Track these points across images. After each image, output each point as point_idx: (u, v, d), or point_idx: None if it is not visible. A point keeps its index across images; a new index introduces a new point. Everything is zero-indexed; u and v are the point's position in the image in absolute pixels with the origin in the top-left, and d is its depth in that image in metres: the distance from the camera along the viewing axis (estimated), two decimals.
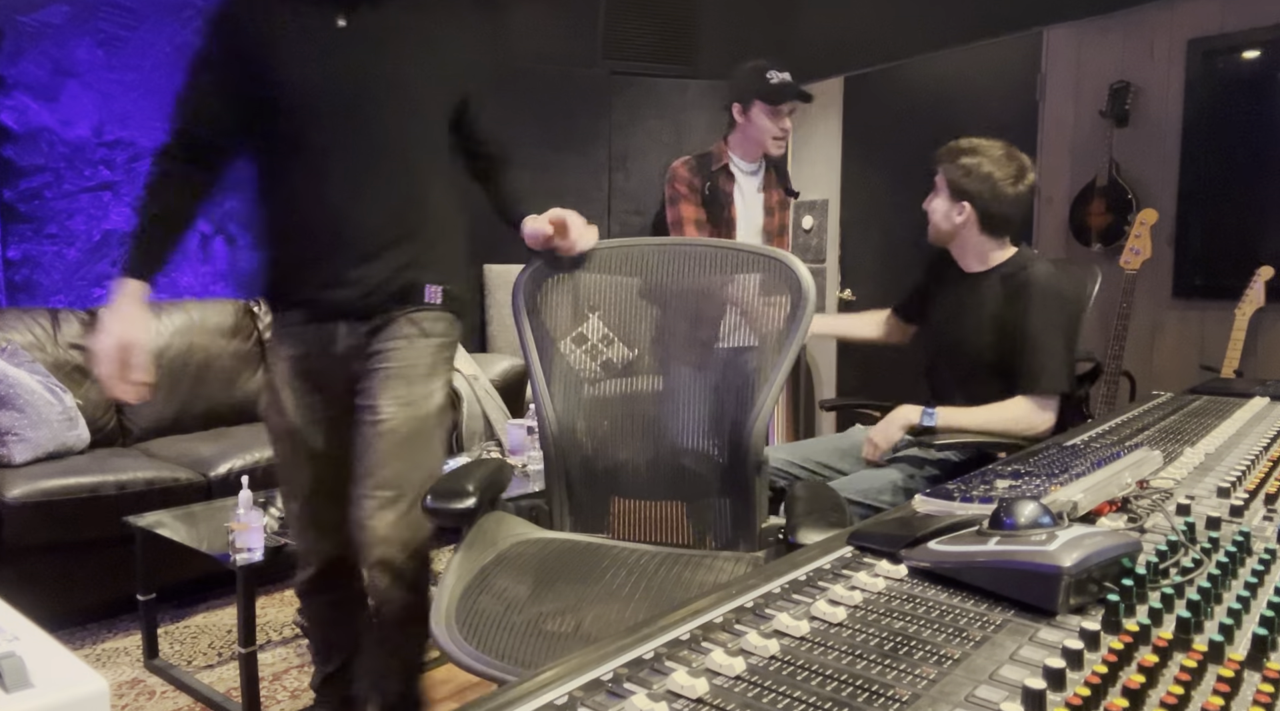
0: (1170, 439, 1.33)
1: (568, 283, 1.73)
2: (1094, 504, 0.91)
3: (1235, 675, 0.57)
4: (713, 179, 2.78)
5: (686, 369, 1.74)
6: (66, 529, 2.69)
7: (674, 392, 1.74)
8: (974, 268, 2.19)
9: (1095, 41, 3.72)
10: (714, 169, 2.79)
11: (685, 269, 1.72)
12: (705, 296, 1.72)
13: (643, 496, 1.71)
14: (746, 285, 1.68)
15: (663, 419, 1.73)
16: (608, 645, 0.64)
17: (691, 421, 1.71)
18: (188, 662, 2.56)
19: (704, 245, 1.77)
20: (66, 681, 0.55)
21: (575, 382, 1.71)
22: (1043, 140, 3.92)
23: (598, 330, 1.74)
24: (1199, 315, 3.46)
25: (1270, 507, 0.96)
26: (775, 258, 1.66)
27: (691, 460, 1.70)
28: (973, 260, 2.18)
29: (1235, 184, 3.33)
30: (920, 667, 0.60)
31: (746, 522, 1.63)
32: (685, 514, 1.70)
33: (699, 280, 1.71)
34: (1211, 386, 1.93)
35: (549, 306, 1.72)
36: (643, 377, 1.75)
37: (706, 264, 1.71)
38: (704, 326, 1.73)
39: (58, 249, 3.62)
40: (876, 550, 0.84)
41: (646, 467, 1.71)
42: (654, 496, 1.71)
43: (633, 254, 1.74)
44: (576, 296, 1.72)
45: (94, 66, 3.62)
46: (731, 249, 1.74)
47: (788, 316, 1.61)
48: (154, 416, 3.40)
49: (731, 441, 1.64)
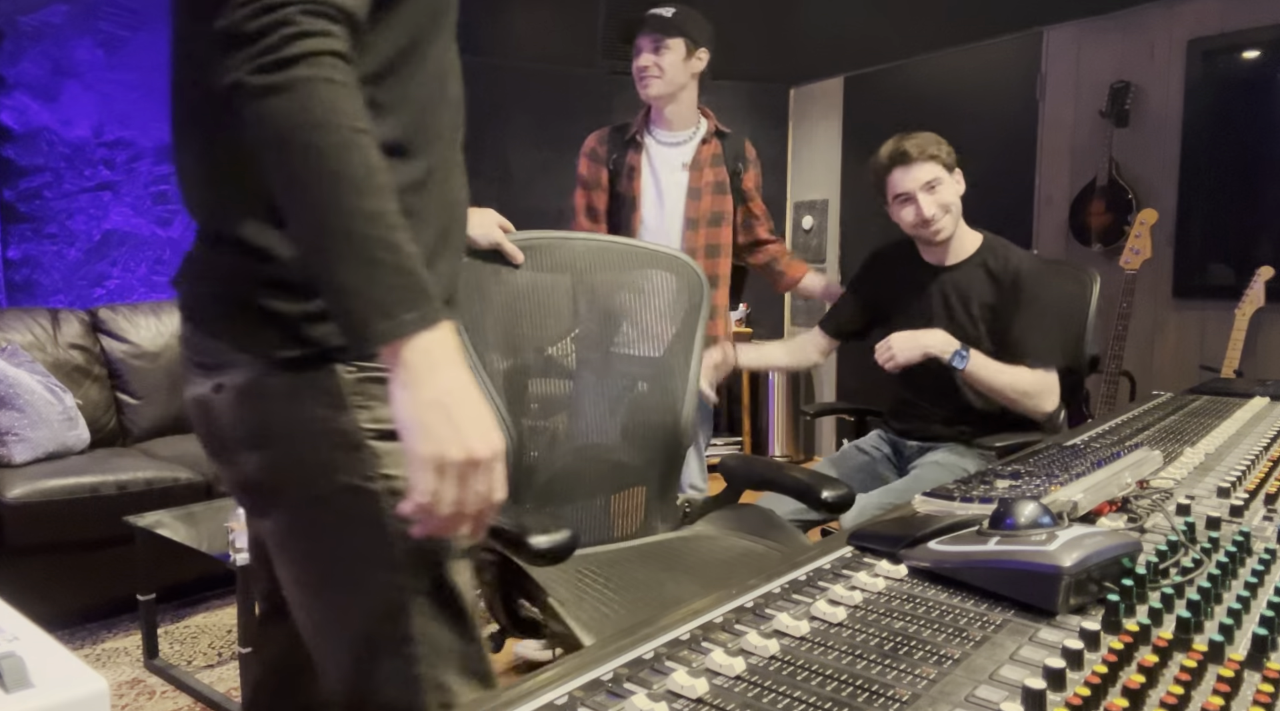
0: (1170, 439, 1.33)
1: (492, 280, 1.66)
2: (1094, 504, 0.91)
3: (1235, 675, 0.57)
4: (620, 152, 2.36)
5: (602, 369, 1.77)
6: (66, 529, 2.69)
7: (602, 391, 1.78)
8: (955, 258, 2.15)
9: (1095, 41, 3.72)
10: (625, 139, 2.37)
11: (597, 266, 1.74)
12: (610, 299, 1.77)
13: (583, 496, 1.75)
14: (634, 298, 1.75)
15: (624, 411, 1.77)
16: (608, 645, 0.64)
17: (645, 411, 1.77)
18: (188, 662, 2.56)
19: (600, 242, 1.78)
20: (66, 681, 0.55)
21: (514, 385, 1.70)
22: (1043, 140, 3.92)
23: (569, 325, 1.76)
24: (1199, 315, 3.46)
25: (1270, 507, 0.96)
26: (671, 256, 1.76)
27: (627, 453, 1.77)
28: (958, 246, 2.15)
29: (1235, 184, 3.33)
30: (920, 667, 0.60)
31: (673, 503, 1.80)
32: (634, 504, 1.77)
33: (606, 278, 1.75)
34: (1211, 386, 1.93)
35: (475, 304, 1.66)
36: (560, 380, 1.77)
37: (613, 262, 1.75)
38: (611, 329, 1.77)
39: (58, 249, 3.62)
40: (876, 550, 0.84)
41: (586, 467, 1.76)
42: (612, 487, 1.78)
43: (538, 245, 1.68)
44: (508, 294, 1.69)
45: (94, 66, 3.62)
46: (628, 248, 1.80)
47: (685, 319, 1.74)
48: (154, 416, 3.40)
49: (669, 429, 1.74)
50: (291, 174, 0.78)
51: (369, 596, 0.92)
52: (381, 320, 0.77)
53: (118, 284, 3.78)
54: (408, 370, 0.79)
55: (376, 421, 0.89)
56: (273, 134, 0.77)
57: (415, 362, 0.79)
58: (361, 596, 0.92)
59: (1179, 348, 3.53)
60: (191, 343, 0.94)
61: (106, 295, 3.74)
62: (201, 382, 0.93)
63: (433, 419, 0.79)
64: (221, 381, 0.90)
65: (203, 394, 0.92)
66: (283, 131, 0.77)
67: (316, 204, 0.77)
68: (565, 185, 4.74)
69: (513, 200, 4.44)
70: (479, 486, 0.82)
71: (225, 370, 0.90)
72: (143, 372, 3.39)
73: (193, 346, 0.94)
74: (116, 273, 3.78)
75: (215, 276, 0.92)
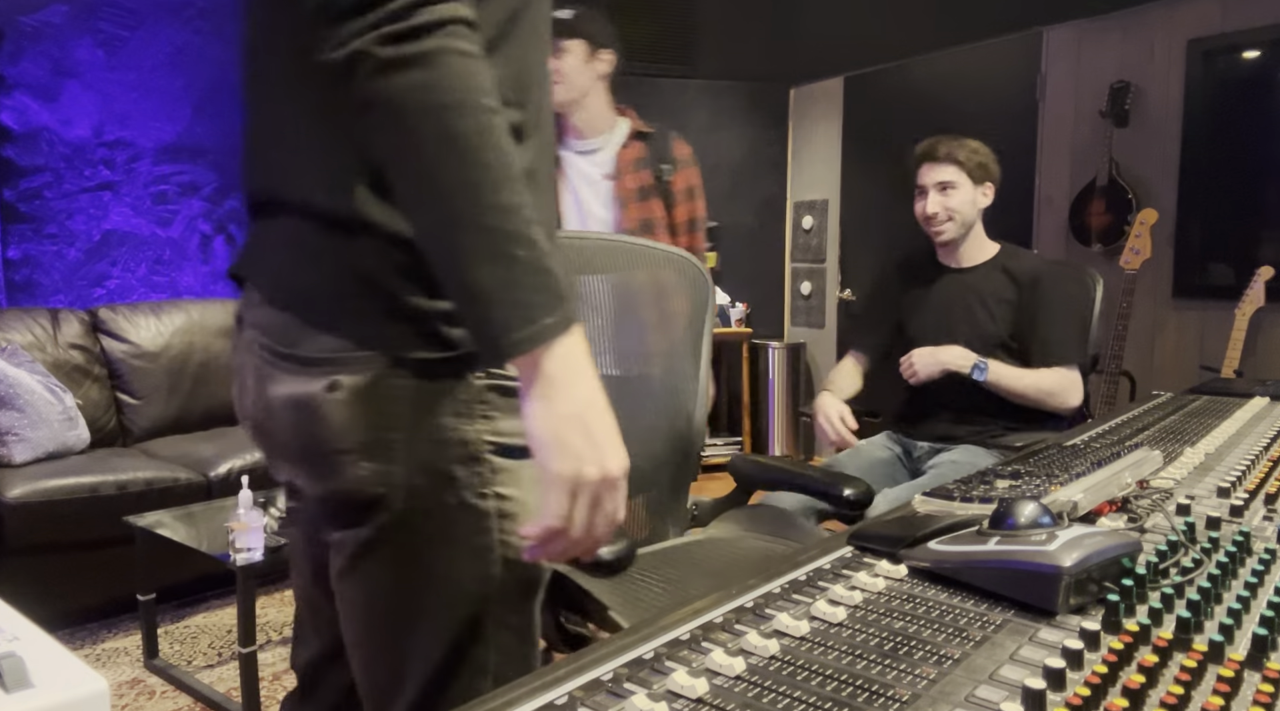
0: (1170, 439, 1.33)
1: None
2: (1094, 504, 0.91)
3: (1235, 675, 0.57)
4: None
5: (609, 372, 1.76)
6: (66, 529, 2.69)
7: (632, 390, 1.77)
8: (972, 261, 2.22)
9: (1095, 41, 3.72)
10: None
11: (602, 266, 1.73)
12: (627, 297, 1.77)
13: None
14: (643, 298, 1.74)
15: (636, 413, 1.77)
16: (608, 645, 0.64)
17: (655, 414, 1.76)
18: (188, 662, 2.56)
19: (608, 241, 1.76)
20: (66, 681, 0.55)
21: None
22: (1043, 140, 3.92)
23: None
24: (1199, 315, 3.46)
25: (1270, 507, 0.96)
26: (676, 254, 1.74)
27: (655, 453, 1.76)
28: (974, 251, 2.22)
29: (1235, 184, 3.33)
30: (920, 667, 0.60)
31: (683, 505, 1.79)
32: (644, 508, 1.76)
33: (611, 279, 1.75)
34: (1212, 386, 1.93)
35: None
36: (613, 373, 1.78)
37: (619, 261, 1.74)
38: (618, 331, 1.76)
39: (58, 249, 3.62)
40: (876, 550, 0.84)
41: None
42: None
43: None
44: None
45: (94, 66, 3.62)
46: (633, 247, 1.77)
47: (691, 318, 1.73)
48: (154, 416, 3.40)
49: (681, 434, 1.73)
50: (420, 159, 0.69)
51: (454, 623, 0.82)
52: (523, 326, 0.69)
53: (118, 284, 3.78)
54: (547, 381, 0.71)
55: (497, 434, 0.81)
56: (399, 113, 0.68)
57: (554, 372, 0.71)
58: (444, 622, 0.82)
59: (1179, 347, 3.53)
60: (286, 335, 0.80)
61: (106, 295, 3.74)
62: (302, 380, 0.79)
63: (572, 434, 0.72)
64: (337, 379, 0.77)
65: (306, 392, 0.78)
66: (413, 111, 0.68)
67: (449, 194, 0.69)
68: None
69: None
70: (608, 506, 0.75)
71: (341, 367, 0.77)
72: (143, 372, 3.39)
73: (287, 339, 0.80)
74: (116, 273, 3.78)
75: (335, 263, 0.78)
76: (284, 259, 0.82)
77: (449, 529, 0.81)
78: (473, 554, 0.81)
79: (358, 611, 0.86)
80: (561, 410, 0.72)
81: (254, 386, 0.84)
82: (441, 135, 0.68)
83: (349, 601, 0.86)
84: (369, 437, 0.78)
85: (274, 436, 0.84)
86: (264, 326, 0.82)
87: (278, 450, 0.85)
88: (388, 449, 0.78)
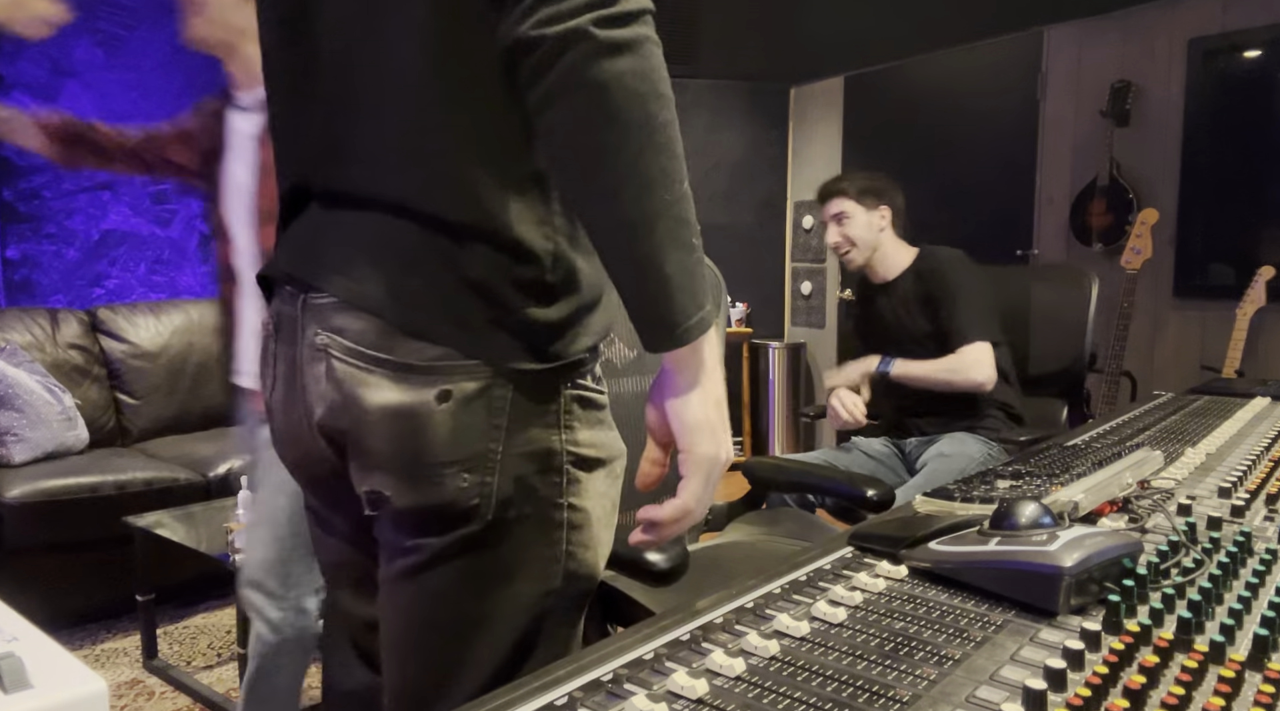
0: (1171, 439, 1.33)
1: None
2: (1095, 504, 0.91)
3: (1236, 675, 0.56)
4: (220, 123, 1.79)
5: (627, 375, 1.73)
6: (66, 529, 2.69)
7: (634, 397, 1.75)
8: (893, 273, 2.39)
9: (1096, 41, 3.72)
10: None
11: None
12: None
13: (634, 503, 1.70)
14: None
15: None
16: (608, 645, 0.64)
17: None
18: (187, 663, 2.56)
19: None
20: (66, 682, 0.55)
21: None
22: (1043, 140, 3.92)
23: None
24: (1200, 315, 3.46)
25: (1271, 508, 0.96)
26: None
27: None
28: (891, 265, 2.39)
29: (1236, 183, 3.33)
30: (921, 668, 0.60)
31: None
32: None
33: None
34: (1213, 386, 1.93)
35: None
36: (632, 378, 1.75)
37: None
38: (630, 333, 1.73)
39: (57, 249, 3.62)
40: (877, 550, 0.83)
41: None
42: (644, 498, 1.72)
43: None
44: None
45: (93, 66, 3.62)
46: None
47: None
48: (153, 416, 3.40)
49: None
50: (625, 145, 0.68)
51: (511, 632, 0.82)
52: (696, 312, 0.72)
53: (117, 284, 3.78)
54: (704, 368, 0.75)
55: (576, 445, 0.81)
56: (610, 97, 0.67)
57: (709, 360, 0.75)
58: (502, 631, 0.82)
59: (1180, 348, 3.53)
60: (378, 340, 0.77)
61: (105, 295, 3.74)
62: (406, 389, 0.76)
63: (719, 420, 0.76)
64: (448, 389, 0.75)
65: (414, 401, 0.76)
66: (625, 96, 0.67)
67: (651, 182, 0.69)
68: None
69: None
70: (716, 489, 0.80)
71: (449, 376, 0.76)
72: (142, 372, 3.39)
73: (380, 344, 0.77)
74: (115, 272, 3.77)
75: (441, 268, 0.75)
76: (368, 261, 0.78)
77: (523, 539, 0.80)
78: (540, 565, 0.81)
79: (414, 615, 0.83)
80: (713, 395, 0.76)
81: (332, 394, 0.79)
82: (649, 123, 0.69)
83: (402, 607, 0.84)
84: (471, 449, 0.77)
85: (364, 444, 0.79)
86: (345, 330, 0.78)
87: (368, 459, 0.80)
88: (486, 458, 0.77)
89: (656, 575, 1.12)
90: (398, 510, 0.80)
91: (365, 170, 0.79)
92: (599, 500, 0.85)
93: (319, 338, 0.80)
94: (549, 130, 0.72)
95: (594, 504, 0.84)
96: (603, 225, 0.73)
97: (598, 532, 0.85)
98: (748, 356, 4.88)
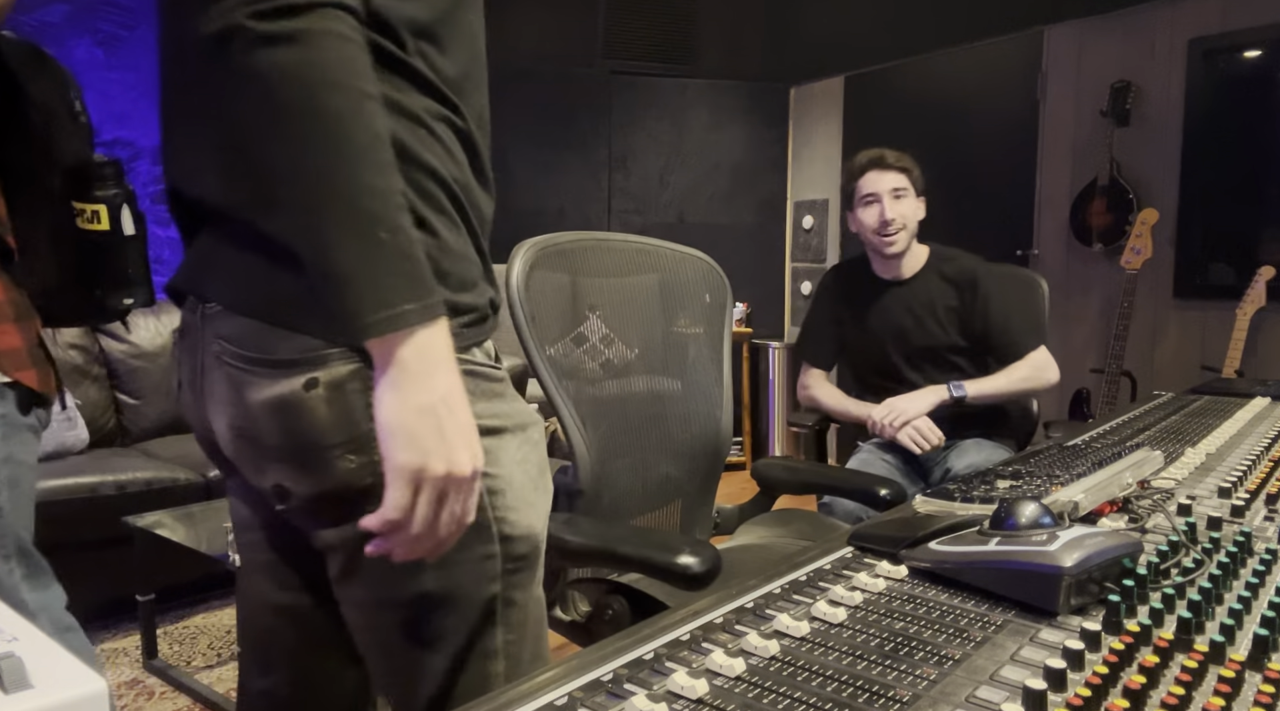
0: (1171, 439, 1.33)
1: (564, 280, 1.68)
2: (1095, 504, 0.91)
3: (1236, 675, 0.56)
4: None
5: (636, 377, 1.72)
6: (66, 529, 2.68)
7: (669, 392, 1.73)
8: (910, 271, 2.26)
9: (1096, 41, 3.72)
10: None
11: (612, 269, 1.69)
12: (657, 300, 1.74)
13: (631, 512, 1.66)
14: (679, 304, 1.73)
15: (666, 419, 1.72)
16: (607, 645, 0.64)
17: (685, 419, 1.72)
18: (187, 663, 2.56)
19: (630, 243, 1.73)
20: (66, 682, 0.55)
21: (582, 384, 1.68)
22: (1043, 140, 3.92)
23: (597, 330, 1.71)
24: (1200, 315, 3.46)
25: (1271, 508, 0.96)
26: (691, 255, 1.72)
27: (685, 460, 1.71)
28: (912, 261, 2.27)
29: (1236, 183, 3.33)
30: (921, 668, 0.60)
31: (710, 511, 1.76)
32: (680, 512, 1.72)
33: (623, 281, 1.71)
34: (1213, 386, 1.93)
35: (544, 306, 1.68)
36: (640, 378, 1.74)
37: (627, 264, 1.70)
38: (637, 334, 1.73)
39: None
40: (877, 550, 0.84)
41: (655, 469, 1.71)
42: (658, 502, 1.71)
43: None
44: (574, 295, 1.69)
45: (93, 66, 3.62)
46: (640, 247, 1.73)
47: (709, 320, 1.71)
48: (153, 416, 3.39)
49: (710, 436, 1.70)
50: (289, 136, 0.68)
51: (464, 605, 0.84)
52: (379, 309, 0.69)
53: None
54: (401, 369, 0.71)
55: (475, 417, 0.80)
56: (271, 88, 0.67)
57: (410, 361, 0.71)
58: (454, 605, 0.84)
59: (1180, 348, 3.53)
60: (256, 341, 0.80)
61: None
62: (277, 382, 0.79)
63: (421, 427, 0.72)
64: (315, 376, 0.78)
65: (284, 393, 0.78)
66: (285, 86, 0.67)
67: (317, 173, 0.69)
68: (565, 184, 4.74)
69: (513, 200, 4.44)
70: (455, 507, 0.75)
71: (316, 365, 0.78)
72: (142, 373, 3.39)
73: (258, 345, 0.79)
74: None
75: (295, 265, 0.75)
76: (241, 266, 0.80)
77: None
78: (471, 532, 0.81)
79: (368, 611, 0.86)
80: (413, 401, 0.72)
81: (229, 396, 0.82)
82: (313, 111, 0.68)
83: (356, 603, 0.86)
84: (352, 431, 0.79)
85: (260, 441, 0.82)
86: (229, 335, 0.81)
87: (265, 454, 0.83)
88: (370, 441, 0.78)
89: (689, 578, 1.12)
90: (302, 500, 0.82)
91: (219, 179, 0.81)
92: (516, 466, 0.86)
93: (214, 346, 0.83)
94: (231, 124, 0.72)
95: (511, 470, 0.86)
96: (279, 215, 0.73)
97: (524, 494, 0.87)
98: (748, 356, 4.88)
